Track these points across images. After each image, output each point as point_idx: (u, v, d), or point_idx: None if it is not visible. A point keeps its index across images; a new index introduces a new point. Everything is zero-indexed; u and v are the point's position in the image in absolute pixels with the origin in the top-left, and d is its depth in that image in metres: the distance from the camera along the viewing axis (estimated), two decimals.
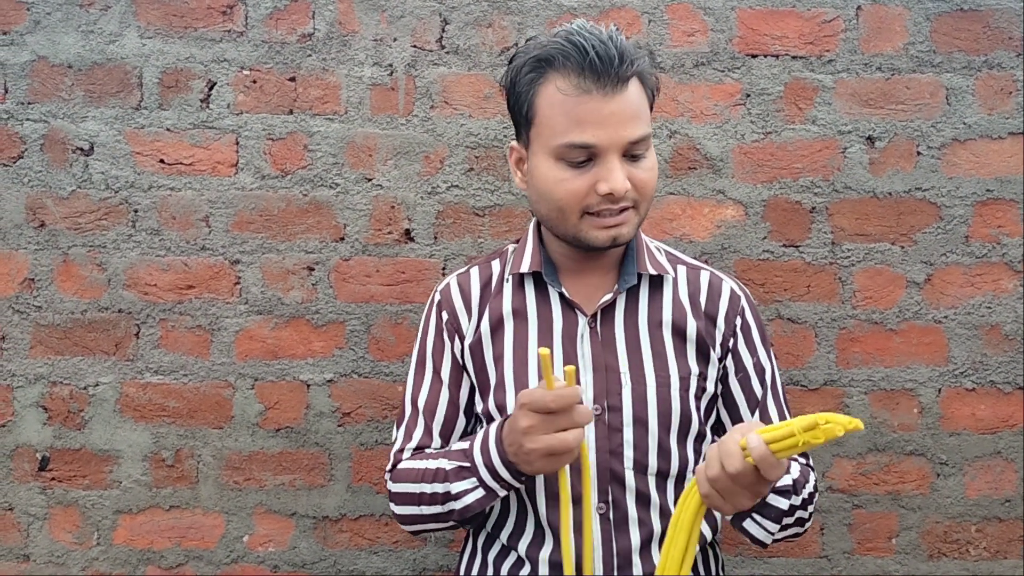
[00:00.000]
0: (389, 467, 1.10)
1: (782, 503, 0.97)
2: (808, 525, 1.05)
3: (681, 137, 1.48)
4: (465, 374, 1.10)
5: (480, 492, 0.97)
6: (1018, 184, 1.48)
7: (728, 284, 1.11)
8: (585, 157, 0.96)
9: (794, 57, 1.48)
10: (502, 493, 0.97)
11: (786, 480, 0.98)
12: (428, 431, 1.08)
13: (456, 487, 0.98)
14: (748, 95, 1.48)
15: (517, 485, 0.96)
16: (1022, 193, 1.48)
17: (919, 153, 1.48)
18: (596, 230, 0.98)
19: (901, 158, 1.48)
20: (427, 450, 1.08)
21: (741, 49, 1.47)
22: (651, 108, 1.02)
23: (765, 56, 1.48)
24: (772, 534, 0.98)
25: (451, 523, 1.03)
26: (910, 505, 1.48)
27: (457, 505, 0.99)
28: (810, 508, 1.02)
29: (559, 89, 0.95)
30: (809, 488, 1.01)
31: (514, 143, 1.06)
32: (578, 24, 0.97)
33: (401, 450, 1.09)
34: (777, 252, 1.48)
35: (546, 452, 0.88)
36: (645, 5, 1.47)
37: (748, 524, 0.98)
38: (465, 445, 1.00)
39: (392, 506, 1.07)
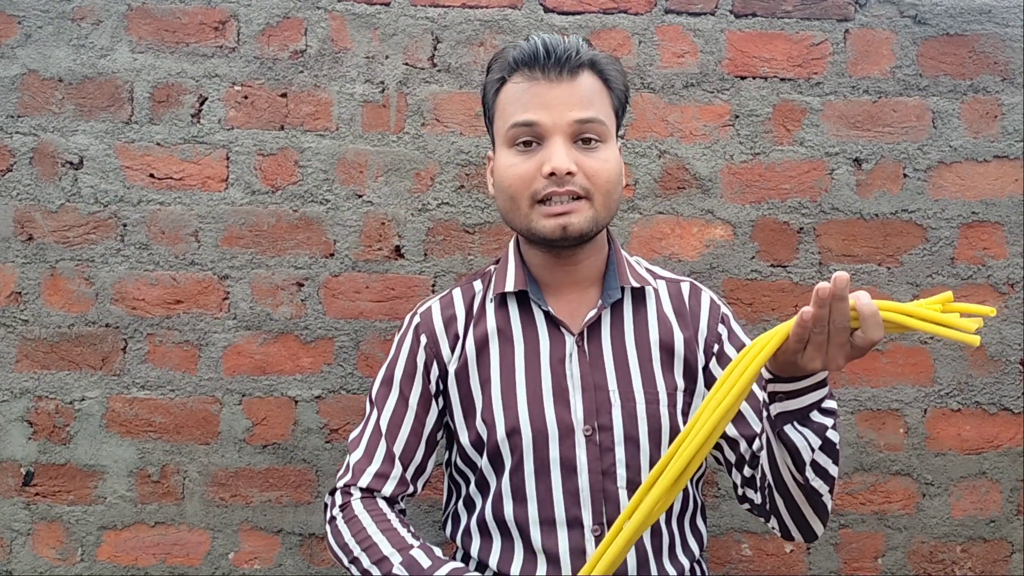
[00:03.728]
0: (342, 484, 1.06)
1: (827, 421, 0.90)
2: (830, 502, 0.97)
3: (671, 157, 1.49)
4: (433, 402, 1.09)
5: None
6: (1003, 207, 1.50)
7: (707, 293, 1.13)
8: (531, 137, 0.98)
9: (783, 79, 1.49)
10: None
11: (832, 403, 0.92)
12: (390, 456, 1.06)
13: None
14: (737, 116, 1.49)
15: None
16: (1007, 216, 1.50)
17: (905, 175, 1.49)
18: (545, 219, 0.99)
19: (888, 180, 1.49)
20: (381, 502, 1.04)
21: (730, 71, 1.49)
22: (619, 115, 1.05)
23: (754, 78, 1.49)
24: (813, 449, 0.90)
25: None
26: (896, 525, 1.48)
27: None
28: (835, 469, 0.94)
29: (512, 82, 1.01)
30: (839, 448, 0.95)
31: (490, 152, 1.10)
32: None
33: (360, 471, 1.06)
34: (765, 272, 1.49)
35: None
36: (635, 26, 1.48)
37: (789, 430, 0.89)
38: (425, 563, 0.95)
39: (328, 534, 1.04)
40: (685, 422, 1.04)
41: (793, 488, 0.94)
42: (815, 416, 0.89)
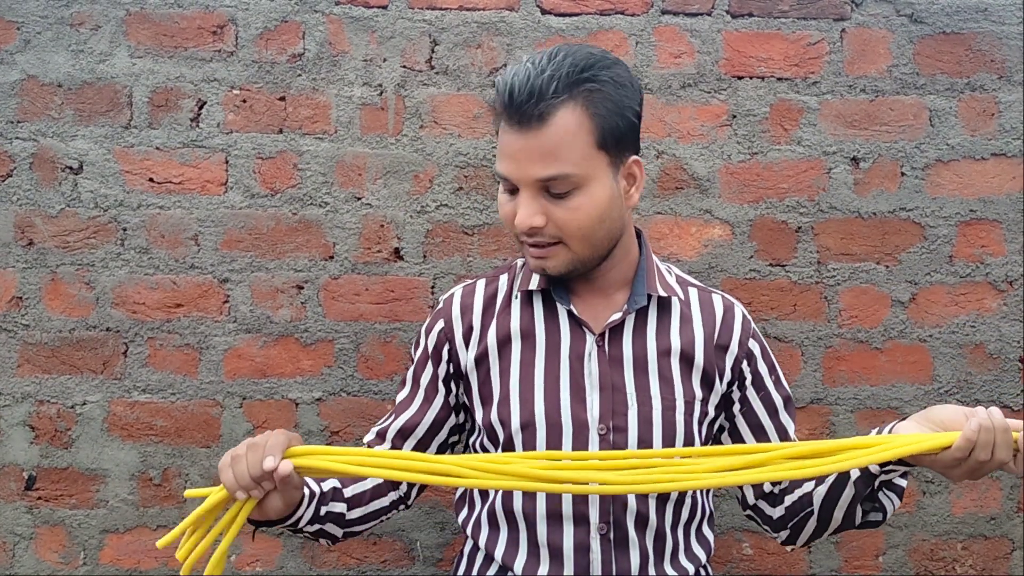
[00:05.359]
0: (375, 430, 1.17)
1: (904, 483, 1.03)
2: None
3: (668, 157, 1.49)
4: (442, 386, 1.11)
5: None
6: (1001, 204, 1.50)
7: (739, 308, 1.12)
8: (511, 186, 0.98)
9: (779, 79, 1.49)
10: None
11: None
12: (387, 425, 1.13)
13: None
14: (734, 116, 1.49)
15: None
16: (1005, 213, 1.50)
17: (903, 174, 1.50)
18: (530, 255, 1.01)
19: (885, 179, 1.49)
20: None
21: (727, 71, 1.49)
22: (610, 145, 0.94)
23: (751, 78, 1.49)
24: (895, 507, 1.03)
25: None
26: (896, 523, 1.49)
27: None
28: None
29: (500, 119, 0.98)
30: None
31: None
32: (530, 55, 0.98)
33: (376, 427, 1.16)
34: (763, 271, 1.49)
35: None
36: (632, 27, 1.48)
37: (882, 496, 1.01)
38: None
39: None
40: (701, 432, 1.05)
41: (836, 523, 1.04)
42: (897, 480, 1.01)
